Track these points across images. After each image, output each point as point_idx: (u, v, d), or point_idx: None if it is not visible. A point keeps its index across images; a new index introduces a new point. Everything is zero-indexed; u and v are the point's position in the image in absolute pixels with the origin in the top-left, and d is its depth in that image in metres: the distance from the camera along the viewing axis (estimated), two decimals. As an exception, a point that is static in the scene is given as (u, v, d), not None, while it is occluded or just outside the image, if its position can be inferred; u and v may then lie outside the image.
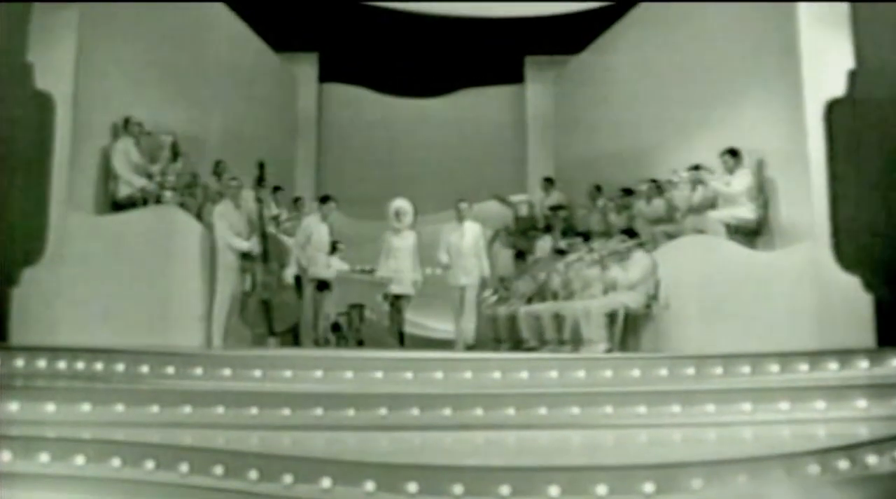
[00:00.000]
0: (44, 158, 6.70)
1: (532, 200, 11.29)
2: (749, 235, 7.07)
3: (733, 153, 7.14)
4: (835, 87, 6.31)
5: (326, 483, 3.88)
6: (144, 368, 5.58)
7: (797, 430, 4.77)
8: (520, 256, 9.88)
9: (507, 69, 12.92)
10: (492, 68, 12.88)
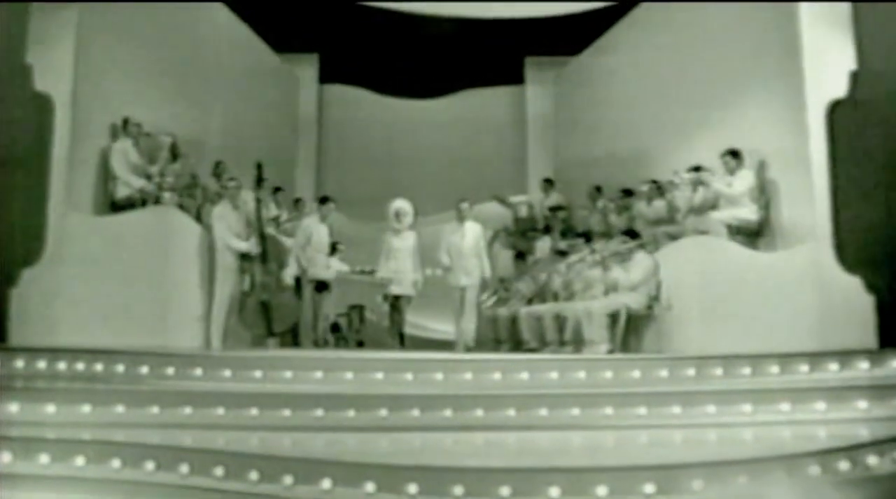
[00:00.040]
0: (43, 159, 6.69)
1: (532, 200, 11.30)
2: (751, 235, 7.05)
3: (734, 154, 7.13)
4: (836, 88, 6.29)
5: (327, 484, 3.89)
6: (144, 369, 5.58)
7: (798, 431, 4.77)
8: (520, 256, 9.88)
9: (508, 70, 12.93)
10: (492, 69, 12.89)
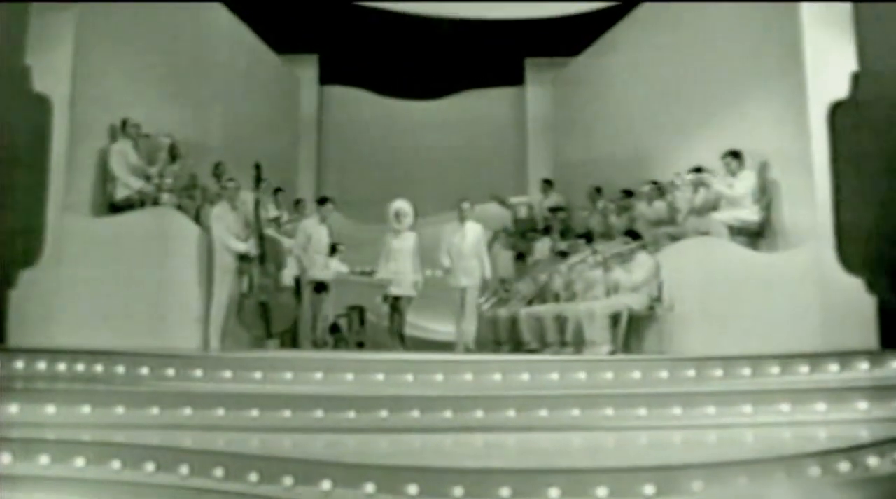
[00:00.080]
0: (42, 160, 6.68)
1: (531, 201, 11.30)
2: (752, 236, 7.04)
3: (735, 155, 7.12)
4: (838, 89, 6.27)
5: (327, 485, 3.88)
6: (144, 370, 5.58)
7: (798, 432, 4.77)
8: (520, 257, 9.88)
9: (508, 71, 12.93)
10: (492, 70, 12.90)
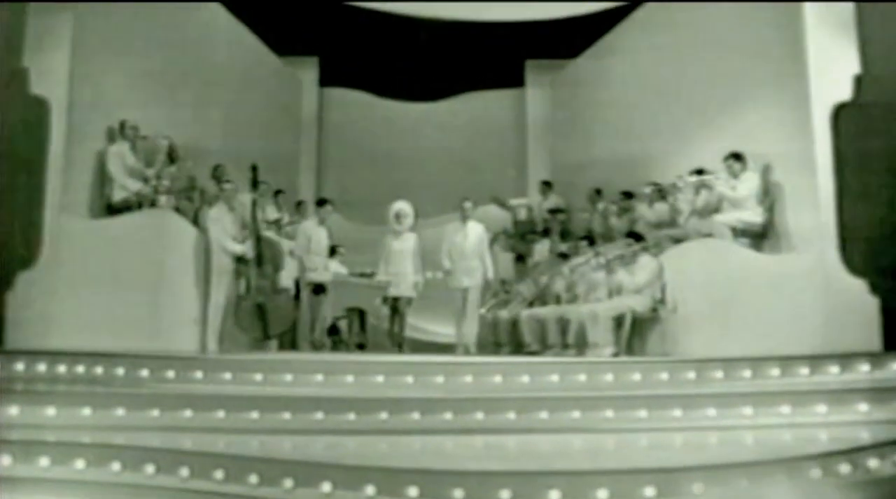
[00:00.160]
0: (39, 162, 6.66)
1: (531, 203, 11.30)
2: (755, 238, 7.05)
3: (737, 157, 7.11)
4: (841, 91, 6.27)
5: (327, 487, 3.88)
6: (145, 372, 5.56)
7: (798, 434, 4.76)
8: (520, 259, 9.88)
9: (508, 73, 12.91)
10: (492, 72, 12.88)
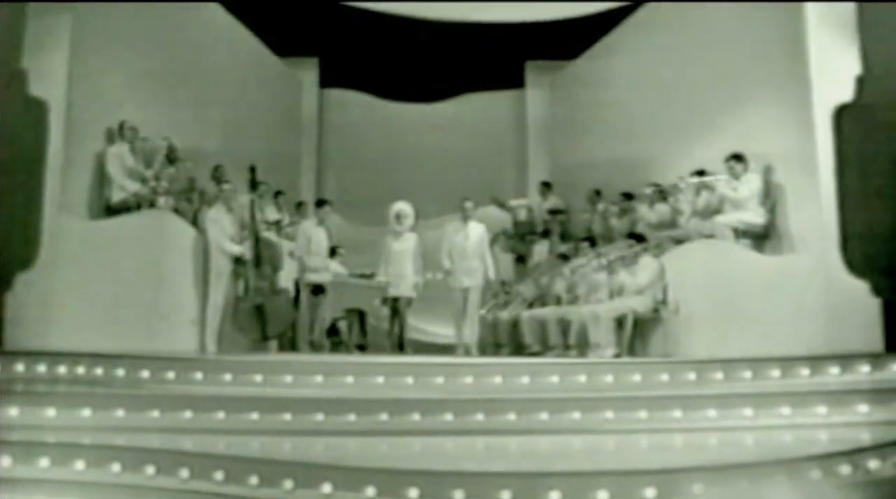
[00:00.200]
0: (38, 163, 6.63)
1: (531, 204, 11.29)
2: (757, 239, 7.04)
3: (738, 158, 7.11)
4: (843, 92, 6.25)
5: (327, 488, 3.88)
6: (145, 373, 5.57)
7: (799, 435, 4.76)
8: (520, 260, 9.88)
9: (508, 74, 12.92)
10: (492, 73, 12.88)
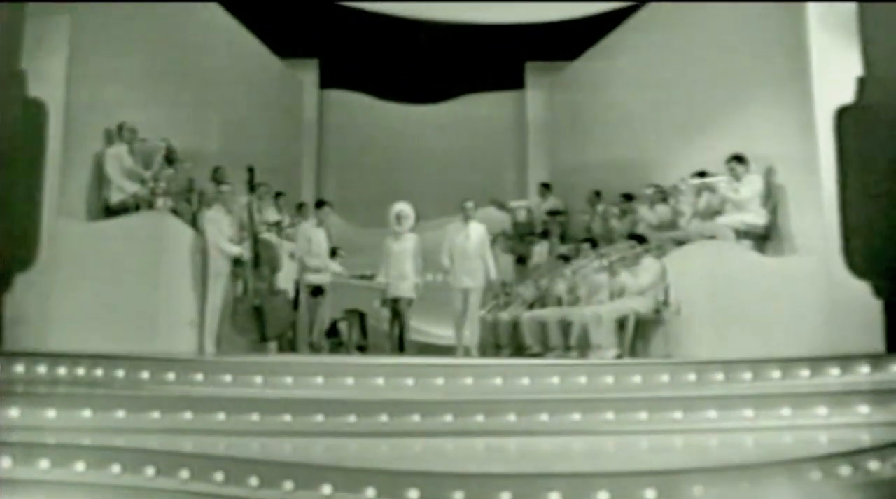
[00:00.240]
0: (37, 164, 6.62)
1: (530, 205, 11.29)
2: (758, 240, 7.04)
3: (739, 159, 7.11)
4: (844, 92, 6.23)
5: (327, 490, 3.88)
6: (145, 375, 5.56)
7: (799, 436, 4.76)
8: (520, 261, 9.88)
9: (508, 75, 12.93)
10: (492, 74, 12.89)
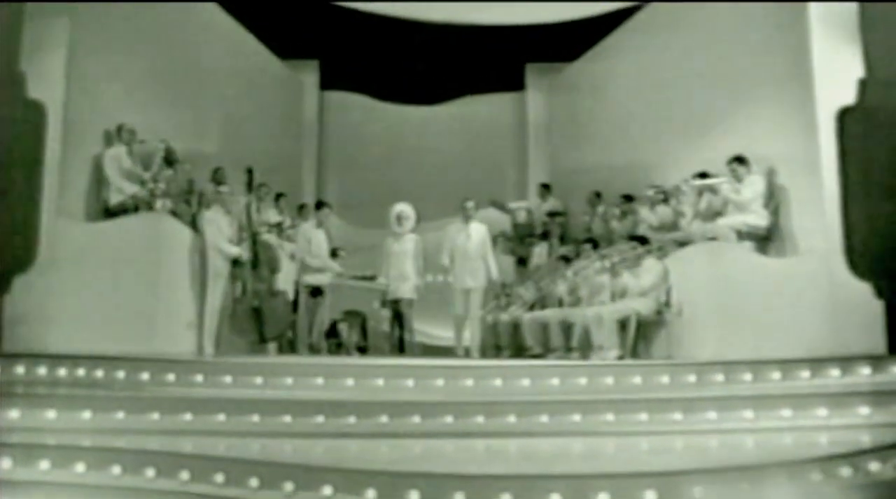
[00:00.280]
0: (36, 165, 6.61)
1: (530, 206, 11.28)
2: (760, 241, 7.03)
3: (741, 161, 7.10)
4: (846, 95, 6.23)
5: (328, 491, 3.88)
6: (145, 376, 5.56)
7: (799, 437, 4.76)
8: (521, 262, 9.87)
9: (508, 76, 12.92)
10: (493, 75, 12.88)
